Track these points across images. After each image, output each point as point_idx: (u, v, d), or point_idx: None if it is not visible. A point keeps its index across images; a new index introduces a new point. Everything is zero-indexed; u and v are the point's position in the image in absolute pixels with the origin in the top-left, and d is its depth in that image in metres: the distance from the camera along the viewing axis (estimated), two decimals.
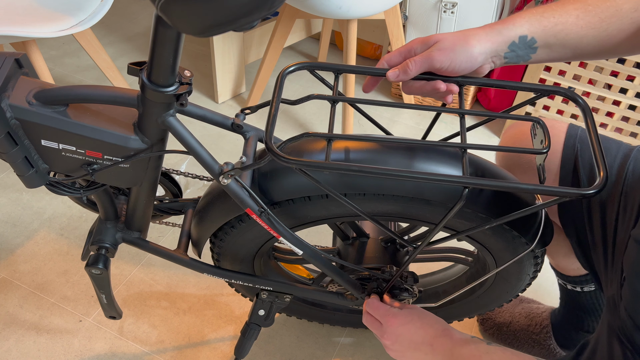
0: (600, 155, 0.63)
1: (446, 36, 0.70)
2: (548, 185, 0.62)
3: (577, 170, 0.86)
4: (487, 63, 0.71)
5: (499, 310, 1.26)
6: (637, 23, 0.70)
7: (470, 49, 0.69)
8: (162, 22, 0.58)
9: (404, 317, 0.83)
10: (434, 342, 0.80)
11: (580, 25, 0.69)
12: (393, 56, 0.72)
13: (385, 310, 0.86)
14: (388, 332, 0.84)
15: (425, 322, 0.82)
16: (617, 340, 0.64)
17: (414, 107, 0.70)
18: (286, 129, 1.85)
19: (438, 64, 0.69)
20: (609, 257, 0.81)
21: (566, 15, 0.70)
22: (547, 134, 0.66)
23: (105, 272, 0.92)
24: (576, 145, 0.87)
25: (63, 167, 0.77)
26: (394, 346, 0.84)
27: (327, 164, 0.63)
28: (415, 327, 0.82)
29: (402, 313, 0.84)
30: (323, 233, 1.49)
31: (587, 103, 0.70)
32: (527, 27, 0.70)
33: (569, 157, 0.87)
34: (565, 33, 0.70)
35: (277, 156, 0.63)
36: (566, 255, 1.00)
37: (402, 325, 0.83)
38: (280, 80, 0.70)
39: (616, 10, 0.69)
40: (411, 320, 0.83)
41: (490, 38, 0.69)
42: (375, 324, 0.88)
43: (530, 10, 0.71)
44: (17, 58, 0.72)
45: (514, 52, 0.70)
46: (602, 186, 0.60)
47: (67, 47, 2.13)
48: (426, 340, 0.80)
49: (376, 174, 0.62)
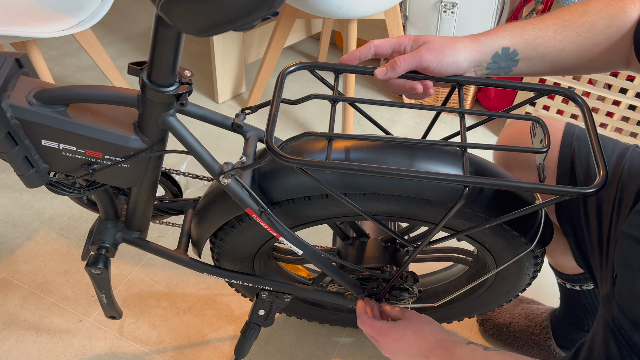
0: (600, 155, 0.63)
1: (436, 38, 0.72)
2: (548, 184, 0.62)
3: (574, 168, 0.86)
4: (469, 71, 0.73)
5: (498, 311, 1.26)
6: (611, 39, 0.72)
7: (457, 53, 0.71)
8: (163, 22, 0.58)
9: (397, 334, 0.84)
10: (429, 354, 0.81)
11: (558, 40, 0.72)
12: (382, 44, 0.74)
13: (377, 329, 0.87)
14: (384, 349, 0.86)
15: (419, 335, 0.83)
16: (613, 337, 0.64)
17: (414, 107, 0.70)
18: (286, 129, 1.85)
19: (426, 62, 0.70)
20: (604, 255, 0.81)
21: (545, 30, 0.72)
22: (547, 133, 0.66)
23: (105, 272, 0.92)
24: (573, 144, 0.88)
25: (63, 167, 0.77)
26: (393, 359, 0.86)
27: (328, 163, 0.63)
28: (409, 343, 0.83)
29: (394, 329, 0.85)
30: (323, 233, 1.49)
31: (587, 103, 0.70)
32: (509, 39, 0.72)
33: (567, 155, 0.88)
34: (545, 47, 0.72)
35: (278, 155, 0.63)
36: (564, 254, 1.00)
37: (395, 342, 0.84)
38: (281, 80, 0.70)
39: (591, 25, 0.72)
40: (404, 336, 0.84)
41: (475, 47, 0.72)
42: (372, 339, 0.89)
43: (512, 24, 0.74)
44: (17, 58, 0.72)
45: (496, 63, 0.73)
46: (601, 185, 0.60)
47: (67, 47, 2.13)
48: (421, 353, 0.82)
49: (376, 173, 0.63)
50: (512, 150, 0.67)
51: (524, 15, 1.74)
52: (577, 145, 0.87)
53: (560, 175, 0.88)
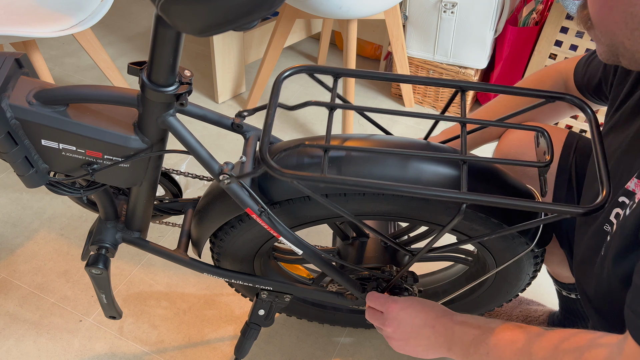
0: (604, 171, 0.61)
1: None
2: (547, 203, 0.61)
3: (572, 181, 0.86)
4: None
5: (497, 313, 1.26)
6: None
7: None
8: (162, 21, 0.58)
9: (404, 302, 0.83)
10: (435, 323, 0.80)
11: None
12: None
13: (385, 298, 0.87)
14: (389, 318, 0.84)
15: (426, 305, 0.82)
16: None
17: (414, 115, 0.68)
18: (286, 129, 1.85)
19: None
20: None
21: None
22: (551, 145, 0.65)
23: (105, 272, 0.92)
24: (572, 156, 0.88)
25: (63, 167, 0.77)
26: (395, 334, 0.83)
27: (323, 178, 0.62)
28: (416, 311, 0.82)
29: (402, 299, 0.85)
30: (323, 233, 1.49)
31: (595, 112, 0.68)
32: None
33: (565, 168, 0.88)
34: None
35: (272, 169, 0.62)
36: (560, 263, 1.01)
37: (402, 310, 0.83)
38: (277, 84, 0.69)
39: None
40: (411, 304, 0.83)
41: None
42: (377, 314, 0.87)
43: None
44: (17, 58, 0.72)
45: None
46: (603, 204, 0.58)
47: (67, 47, 2.13)
48: (428, 323, 0.80)
49: (373, 188, 0.62)
50: (513, 164, 0.66)
51: (523, 15, 1.74)
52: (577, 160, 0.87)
53: (558, 186, 0.88)
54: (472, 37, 1.76)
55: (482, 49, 1.78)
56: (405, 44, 1.85)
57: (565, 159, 0.88)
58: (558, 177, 0.88)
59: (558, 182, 0.88)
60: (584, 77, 0.86)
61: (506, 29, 1.75)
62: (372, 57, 2.20)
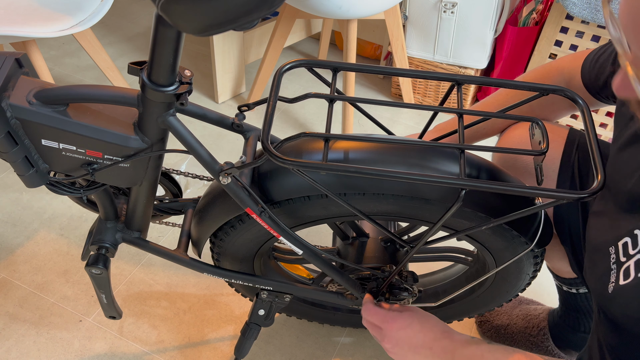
0: (598, 158, 0.62)
1: None
2: (545, 188, 0.62)
3: (575, 177, 0.86)
4: None
5: (497, 312, 1.26)
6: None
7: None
8: (163, 21, 0.58)
9: (403, 321, 0.83)
10: (433, 345, 0.80)
11: None
12: None
13: (383, 314, 0.86)
14: (388, 336, 0.84)
15: (425, 325, 0.82)
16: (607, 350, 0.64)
17: (412, 107, 0.69)
18: (286, 128, 1.85)
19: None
20: None
21: None
22: (546, 134, 0.65)
23: (105, 272, 0.92)
24: (575, 152, 0.88)
25: (63, 166, 0.77)
26: (394, 349, 0.84)
27: (324, 165, 0.63)
28: (414, 331, 0.82)
29: (401, 316, 0.84)
30: (323, 233, 1.49)
31: (587, 104, 0.69)
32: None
33: (568, 164, 0.88)
34: None
35: (273, 156, 0.63)
36: (561, 259, 1.01)
37: (401, 330, 0.83)
38: (278, 77, 0.69)
39: None
40: (410, 324, 0.83)
41: None
42: (375, 328, 0.88)
43: None
44: (17, 58, 0.72)
45: None
46: (598, 189, 0.59)
47: (67, 47, 2.13)
48: (425, 344, 0.80)
49: (373, 175, 0.62)
50: (509, 152, 0.66)
51: (523, 15, 1.74)
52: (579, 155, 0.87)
53: (561, 183, 0.88)
54: (472, 37, 1.76)
55: (482, 49, 1.78)
56: (405, 44, 1.86)
57: (568, 156, 0.88)
58: (561, 174, 0.88)
59: (561, 179, 0.88)
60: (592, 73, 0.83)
61: (506, 29, 1.75)
62: (372, 57, 2.20)
